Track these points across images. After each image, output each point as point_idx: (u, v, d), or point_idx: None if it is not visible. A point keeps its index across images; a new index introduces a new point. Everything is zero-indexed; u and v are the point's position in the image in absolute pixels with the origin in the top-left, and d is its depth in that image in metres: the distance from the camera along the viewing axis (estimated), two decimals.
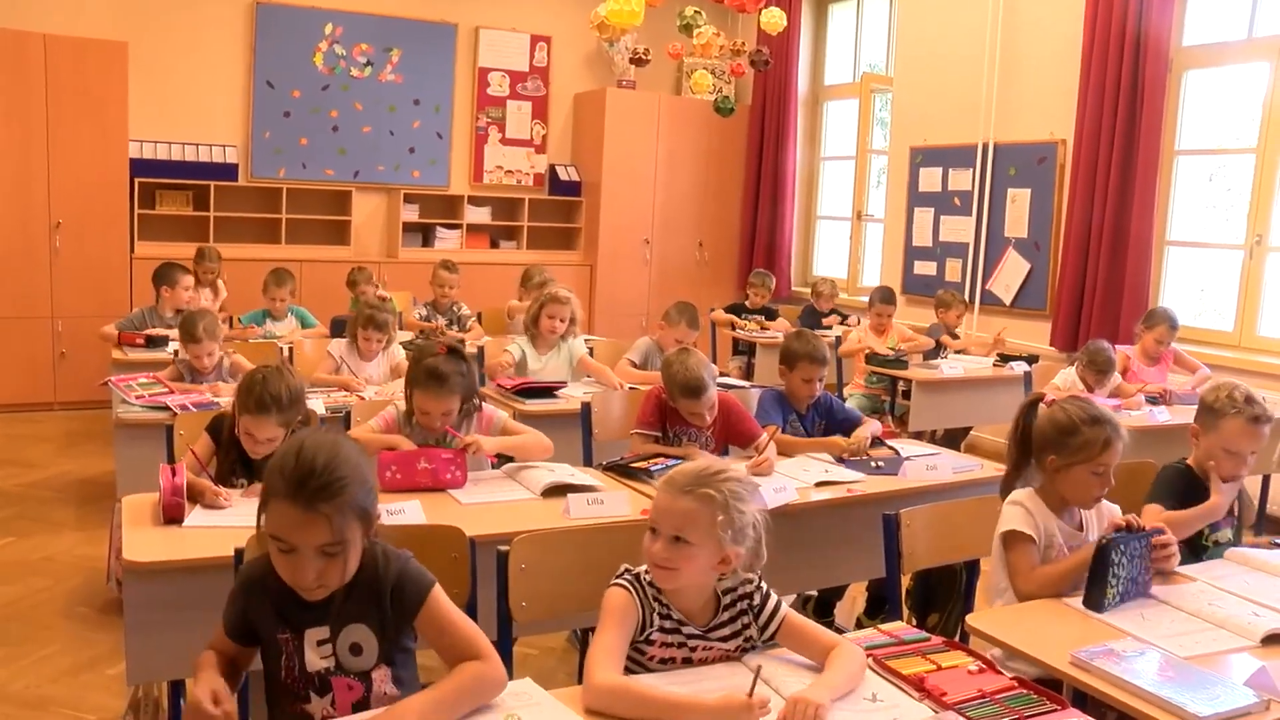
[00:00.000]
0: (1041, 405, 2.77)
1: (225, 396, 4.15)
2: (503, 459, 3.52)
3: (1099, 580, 2.38)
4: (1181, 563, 2.69)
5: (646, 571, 2.05)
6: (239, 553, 2.24)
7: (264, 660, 1.97)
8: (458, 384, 3.26)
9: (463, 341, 5.16)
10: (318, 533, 1.81)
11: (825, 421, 4.04)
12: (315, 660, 1.92)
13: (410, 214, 9.13)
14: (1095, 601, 2.38)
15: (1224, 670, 2.11)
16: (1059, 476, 2.66)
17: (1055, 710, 1.88)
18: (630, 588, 2.03)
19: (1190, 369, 5.88)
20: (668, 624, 2.02)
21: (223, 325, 5.03)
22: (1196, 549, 2.97)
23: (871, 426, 3.92)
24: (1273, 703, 1.98)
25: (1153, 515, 2.82)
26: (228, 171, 8.40)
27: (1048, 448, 2.67)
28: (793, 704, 1.78)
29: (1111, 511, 2.70)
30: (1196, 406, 3.12)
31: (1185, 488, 2.99)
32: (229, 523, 2.67)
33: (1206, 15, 6.67)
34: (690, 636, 2.04)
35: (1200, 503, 2.94)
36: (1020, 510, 2.64)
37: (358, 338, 5.03)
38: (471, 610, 2.34)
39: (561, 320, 5.12)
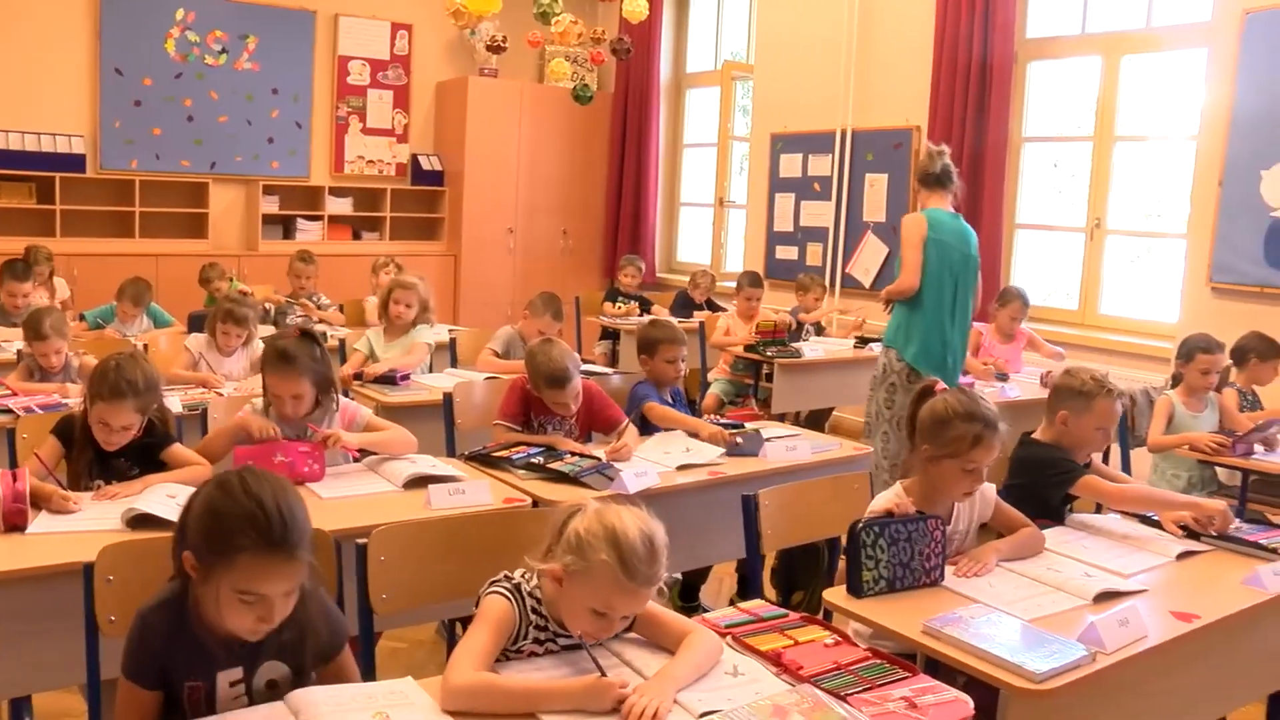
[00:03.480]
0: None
1: (74, 398, 4.02)
2: (366, 452, 3.50)
3: (854, 565, 2.38)
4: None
5: (527, 579, 2.03)
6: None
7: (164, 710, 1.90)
8: (307, 366, 3.20)
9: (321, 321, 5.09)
10: (293, 578, 1.80)
11: (688, 403, 4.13)
12: (227, 703, 1.87)
13: (270, 206, 8.91)
14: (854, 587, 2.39)
15: (1061, 629, 2.23)
16: (930, 467, 2.70)
17: (906, 677, 1.97)
18: (511, 598, 2.00)
19: (1046, 354, 6.07)
20: (543, 635, 2.01)
21: (70, 323, 4.88)
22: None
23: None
24: (1099, 654, 2.12)
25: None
26: (74, 162, 8.06)
27: (924, 437, 2.71)
28: (628, 708, 1.77)
29: (985, 495, 2.75)
30: (1050, 393, 3.26)
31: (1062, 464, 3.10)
32: (78, 528, 2.59)
33: (1045, 10, 6.95)
34: (566, 647, 2.02)
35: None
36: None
37: (216, 333, 4.92)
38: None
39: (408, 305, 5.07)
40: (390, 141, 9.62)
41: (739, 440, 3.64)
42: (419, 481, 3.04)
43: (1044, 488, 3.05)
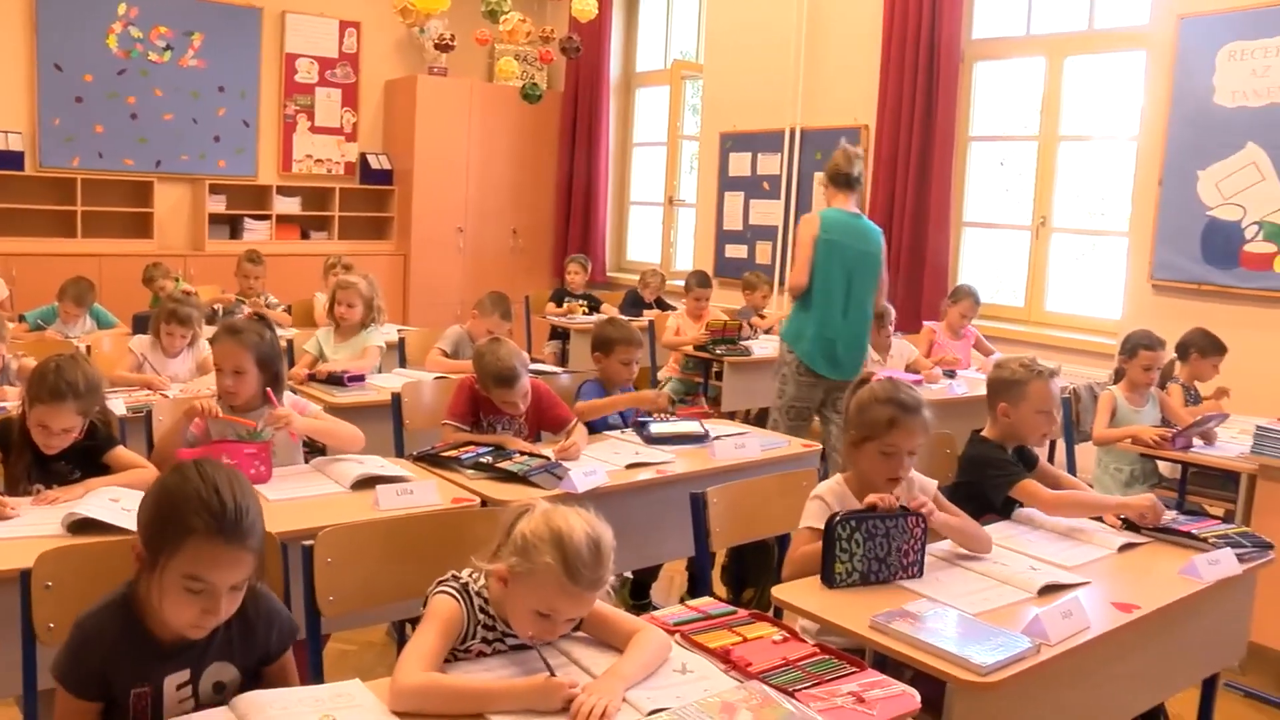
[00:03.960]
0: None
1: (12, 401, 3.94)
2: (316, 453, 3.47)
3: (828, 556, 2.42)
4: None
5: (474, 579, 2.02)
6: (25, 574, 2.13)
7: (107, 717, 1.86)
8: (252, 342, 3.20)
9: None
10: (241, 570, 1.78)
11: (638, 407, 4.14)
12: (173, 706, 1.84)
13: (217, 205, 8.82)
14: (827, 577, 2.43)
15: (1006, 622, 2.25)
16: (854, 452, 2.73)
17: (854, 672, 1.98)
18: (459, 598, 1.99)
19: (985, 353, 6.20)
20: (491, 635, 2.00)
21: (8, 324, 4.79)
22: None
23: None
24: (1043, 646, 2.15)
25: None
26: (12, 160, 7.91)
27: (849, 423, 2.76)
28: (577, 706, 1.77)
29: (924, 487, 2.77)
30: (986, 390, 3.28)
31: (1014, 459, 3.13)
32: (17, 534, 2.52)
33: (991, 11, 7.04)
34: (514, 647, 2.01)
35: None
36: (818, 505, 2.69)
37: (160, 334, 4.85)
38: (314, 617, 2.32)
39: (350, 305, 5.03)
40: (339, 140, 9.55)
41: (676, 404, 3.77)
42: (367, 482, 3.01)
43: (987, 487, 3.08)
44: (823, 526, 2.54)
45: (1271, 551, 2.92)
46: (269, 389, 3.25)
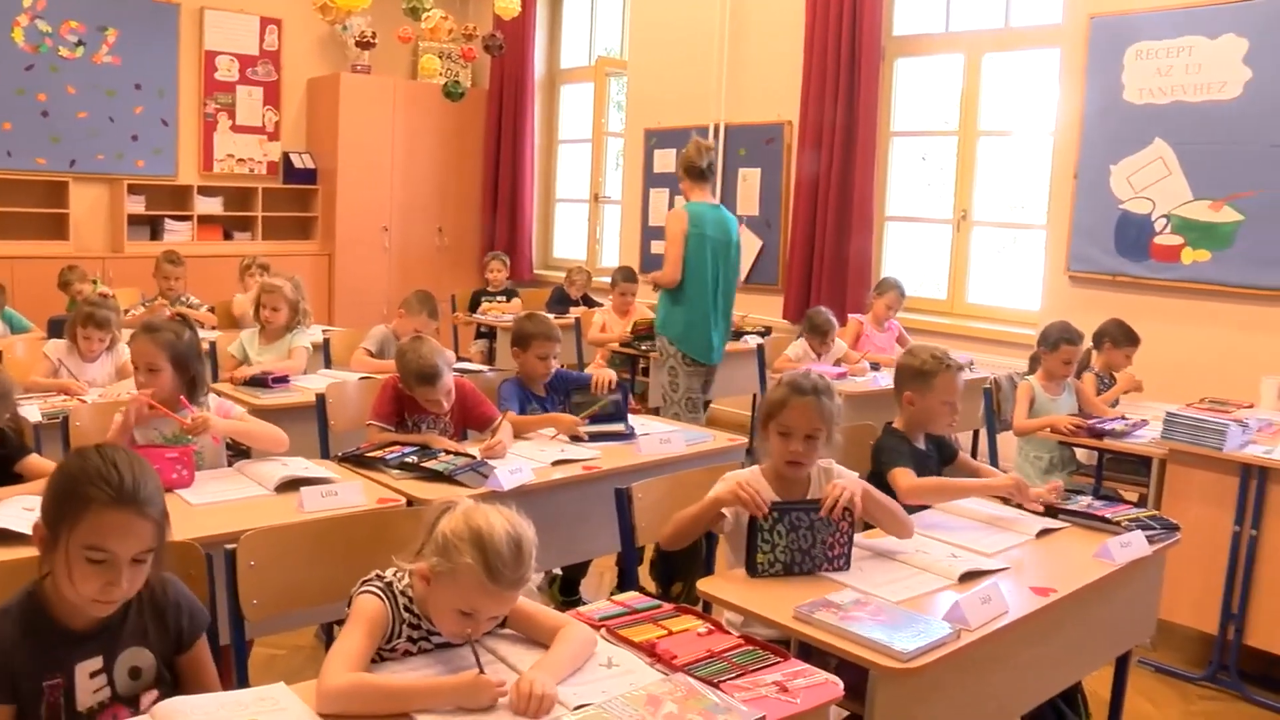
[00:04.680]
0: None
1: None
2: (241, 455, 3.43)
3: (750, 546, 2.48)
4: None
5: (399, 578, 2.02)
6: None
7: (21, 717, 1.83)
8: (168, 341, 3.18)
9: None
10: (142, 538, 1.81)
11: (564, 396, 4.13)
12: (87, 696, 1.83)
13: (136, 205, 8.64)
14: (750, 566, 2.48)
15: (928, 609, 2.30)
16: (763, 436, 2.79)
17: (778, 662, 2.00)
18: (383, 597, 1.98)
19: (905, 345, 6.29)
20: (416, 633, 2.00)
21: None
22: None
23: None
24: (963, 631, 2.20)
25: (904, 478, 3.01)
26: None
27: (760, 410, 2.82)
28: (516, 691, 1.78)
29: (848, 480, 2.78)
30: (894, 378, 3.35)
31: (910, 454, 3.18)
32: None
33: (911, 8, 7.14)
34: (440, 646, 2.01)
35: (923, 462, 3.16)
36: (721, 484, 2.71)
37: (77, 338, 4.75)
38: (212, 621, 2.26)
39: (275, 309, 4.97)
40: (261, 139, 9.41)
41: (590, 419, 3.80)
42: (291, 484, 2.98)
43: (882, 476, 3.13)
44: (725, 511, 2.64)
45: (1178, 533, 3.02)
46: (185, 393, 3.22)
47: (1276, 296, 5.30)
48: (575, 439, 3.73)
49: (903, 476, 3.05)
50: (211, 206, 9.02)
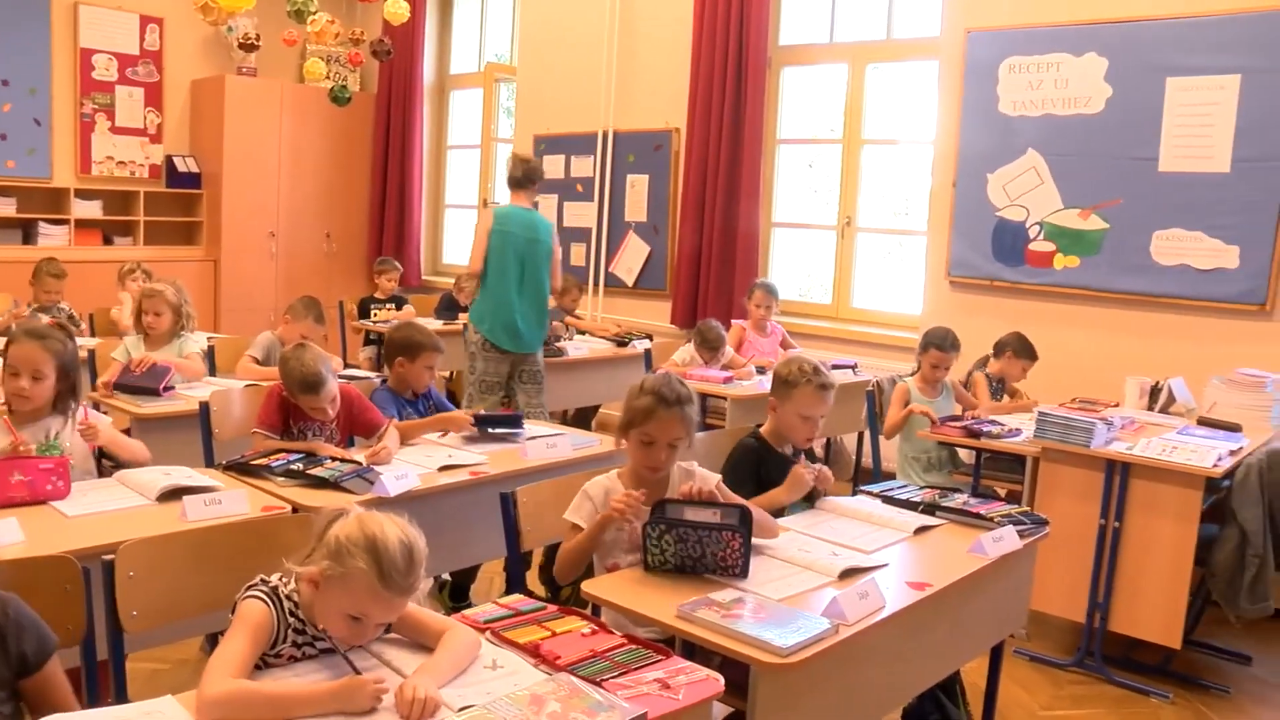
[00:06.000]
0: None
1: None
2: (119, 465, 3.36)
3: (644, 547, 2.53)
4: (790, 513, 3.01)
5: (284, 583, 2.00)
6: None
7: None
8: (56, 348, 3.11)
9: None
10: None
11: (431, 404, 4.19)
12: None
13: (7, 208, 8.34)
14: (644, 564, 2.55)
15: (808, 606, 2.36)
16: (623, 441, 2.81)
17: (660, 660, 2.04)
18: (268, 601, 1.96)
19: (787, 348, 6.41)
20: (301, 639, 1.98)
21: None
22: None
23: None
24: (841, 626, 2.26)
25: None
26: None
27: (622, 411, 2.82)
28: (399, 696, 1.79)
29: (704, 482, 2.82)
30: (773, 378, 3.41)
31: (757, 462, 3.20)
32: None
33: (797, 19, 7.28)
34: (325, 651, 2.00)
35: (775, 469, 3.16)
36: (582, 501, 2.73)
37: None
38: (90, 636, 2.23)
39: (158, 314, 4.84)
40: (143, 142, 9.17)
41: (482, 417, 3.88)
42: (174, 494, 2.92)
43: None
44: (581, 522, 2.67)
45: (1047, 527, 3.15)
46: (62, 402, 3.16)
47: (1138, 301, 5.56)
48: (469, 439, 3.73)
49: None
50: (90, 210, 8.75)
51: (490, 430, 3.87)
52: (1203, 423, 4.58)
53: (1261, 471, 3.95)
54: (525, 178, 5.81)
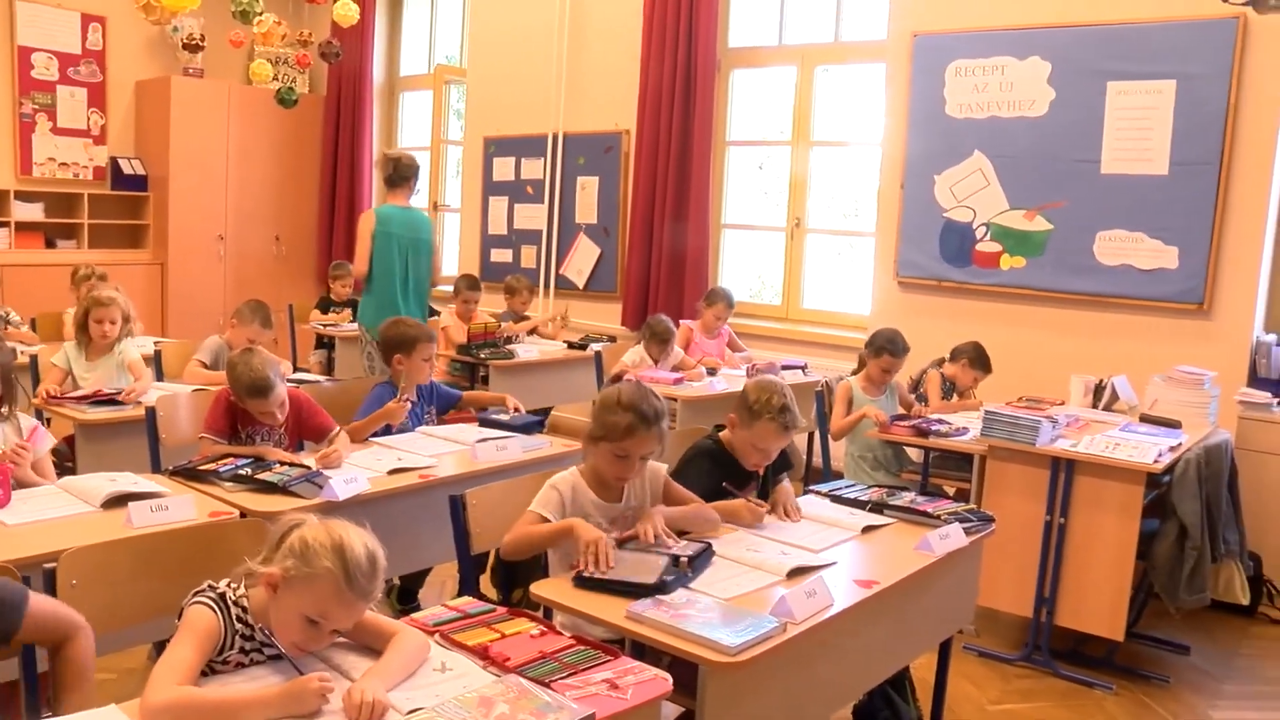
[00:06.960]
0: None
1: None
2: (65, 471, 3.32)
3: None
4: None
5: (233, 588, 1.99)
6: None
7: None
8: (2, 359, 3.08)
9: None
10: None
11: (432, 402, 4.23)
12: None
13: None
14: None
15: (757, 604, 2.38)
16: (591, 447, 2.79)
17: (608, 660, 2.05)
18: (215, 607, 1.95)
19: (736, 349, 6.47)
20: (249, 645, 1.97)
21: None
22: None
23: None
24: (789, 624, 2.29)
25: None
26: None
27: (592, 416, 2.81)
28: (347, 700, 1.79)
29: (655, 475, 2.85)
30: (741, 394, 3.40)
31: (712, 465, 3.17)
32: None
33: (745, 22, 7.32)
34: (273, 657, 1.99)
35: (734, 473, 3.14)
36: (550, 493, 2.75)
37: None
38: (29, 646, 2.18)
39: (112, 323, 4.72)
40: (86, 143, 9.01)
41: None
42: (119, 500, 2.89)
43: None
44: (548, 514, 2.70)
45: (993, 524, 3.19)
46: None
47: (1082, 301, 5.65)
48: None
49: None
50: (31, 213, 8.58)
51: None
52: (1145, 420, 4.66)
53: (1199, 466, 4.04)
54: (398, 175, 5.97)
